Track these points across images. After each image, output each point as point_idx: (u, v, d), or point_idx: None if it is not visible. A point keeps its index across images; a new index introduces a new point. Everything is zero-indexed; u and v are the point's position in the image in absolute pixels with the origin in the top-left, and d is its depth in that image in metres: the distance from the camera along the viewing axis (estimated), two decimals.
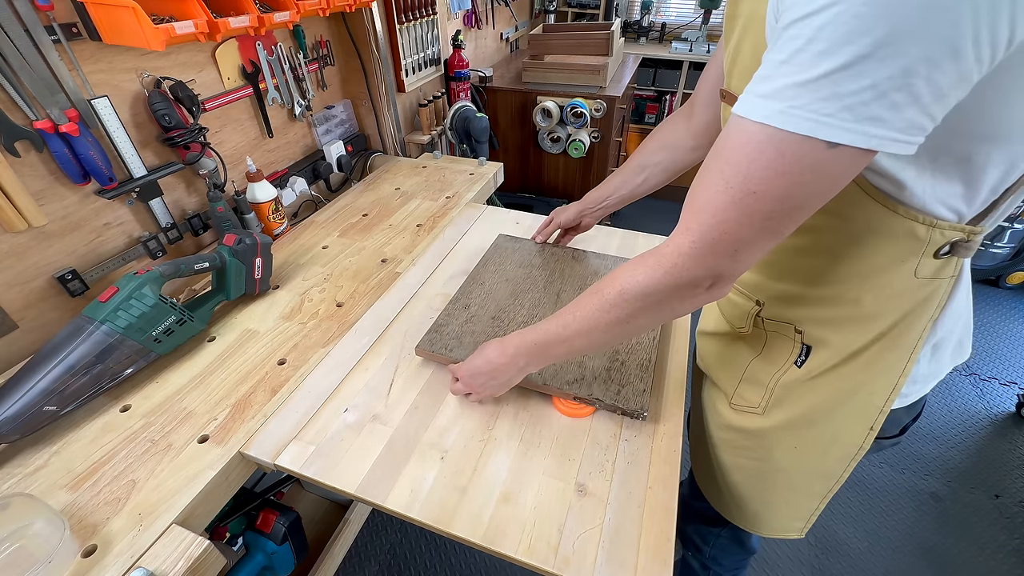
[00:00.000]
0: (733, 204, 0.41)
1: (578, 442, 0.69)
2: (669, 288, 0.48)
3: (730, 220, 0.42)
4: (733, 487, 0.76)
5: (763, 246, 0.44)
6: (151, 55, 0.91)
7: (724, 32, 0.55)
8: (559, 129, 2.04)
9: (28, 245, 0.80)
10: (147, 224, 0.98)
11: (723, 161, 0.42)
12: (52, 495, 0.62)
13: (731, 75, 0.54)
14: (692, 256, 0.45)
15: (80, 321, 0.70)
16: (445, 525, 0.60)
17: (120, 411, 0.73)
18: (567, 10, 2.99)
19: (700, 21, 2.91)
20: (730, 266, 0.45)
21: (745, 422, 0.69)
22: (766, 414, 0.66)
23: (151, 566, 0.55)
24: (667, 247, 0.47)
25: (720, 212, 0.42)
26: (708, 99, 0.74)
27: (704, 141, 0.78)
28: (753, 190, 0.40)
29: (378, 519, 1.45)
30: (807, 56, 0.35)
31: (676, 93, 2.82)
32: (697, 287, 0.47)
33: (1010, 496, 1.53)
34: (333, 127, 1.42)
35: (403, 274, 1.03)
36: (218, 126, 1.08)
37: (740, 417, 0.70)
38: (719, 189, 0.42)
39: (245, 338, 0.86)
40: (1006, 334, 2.13)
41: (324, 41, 1.32)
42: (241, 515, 0.99)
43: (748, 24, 0.48)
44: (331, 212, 1.26)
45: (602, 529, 0.59)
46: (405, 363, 0.82)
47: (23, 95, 0.74)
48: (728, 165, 0.41)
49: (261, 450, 0.68)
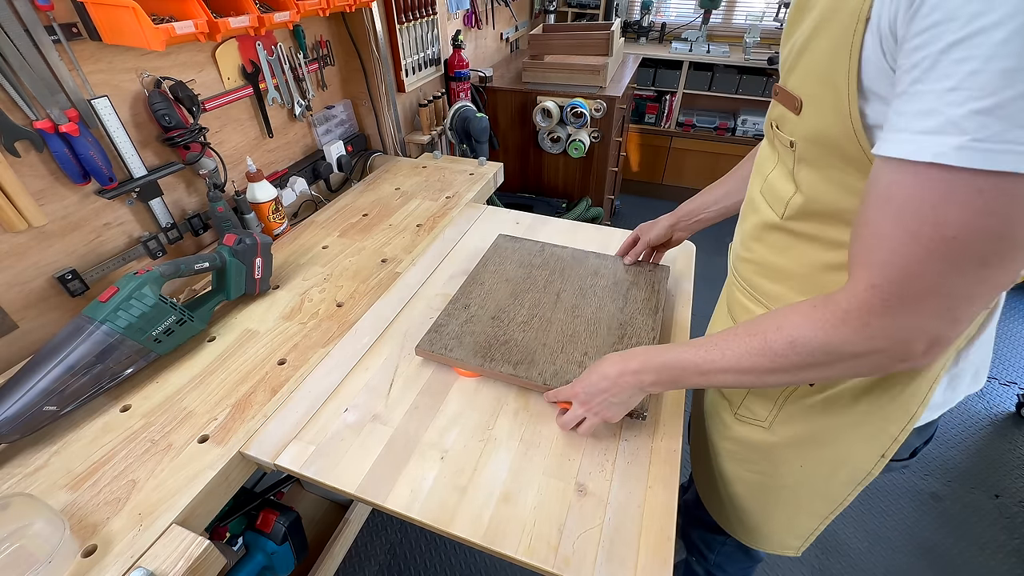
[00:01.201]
0: (931, 255, 0.35)
1: (578, 442, 0.69)
2: (864, 350, 0.42)
3: (931, 272, 0.36)
4: (735, 499, 0.75)
5: (984, 297, 0.37)
6: (151, 55, 0.91)
7: (788, 23, 0.49)
8: (559, 129, 2.04)
9: (28, 245, 0.80)
10: (147, 224, 0.98)
11: (894, 210, 0.37)
12: (52, 495, 0.62)
13: (792, 72, 0.48)
14: (886, 315, 0.39)
15: (80, 321, 0.70)
16: (445, 525, 0.60)
17: (120, 411, 0.73)
18: (567, 10, 2.98)
19: (700, 21, 2.90)
20: (945, 326, 0.39)
21: (750, 434, 0.68)
22: (771, 429, 0.65)
23: (151, 566, 0.55)
24: (845, 301, 0.41)
25: (915, 264, 0.36)
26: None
27: None
28: (952, 235, 0.34)
29: (378, 519, 1.45)
30: (987, 78, 0.30)
31: (676, 93, 2.82)
32: (908, 351, 0.41)
33: (1010, 496, 1.53)
34: (333, 127, 1.42)
35: (403, 274, 1.03)
36: (218, 126, 1.08)
37: (745, 428, 0.68)
38: (903, 241, 0.37)
39: (245, 338, 0.86)
40: (1006, 334, 2.13)
41: (324, 41, 1.32)
42: (241, 515, 0.99)
43: (826, 20, 0.42)
44: (331, 212, 1.26)
45: (602, 529, 0.59)
46: (405, 363, 0.82)
47: (23, 95, 0.74)
48: (906, 214, 0.36)
49: (261, 450, 0.68)
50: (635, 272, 0.95)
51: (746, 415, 0.68)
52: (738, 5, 2.88)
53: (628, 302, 0.88)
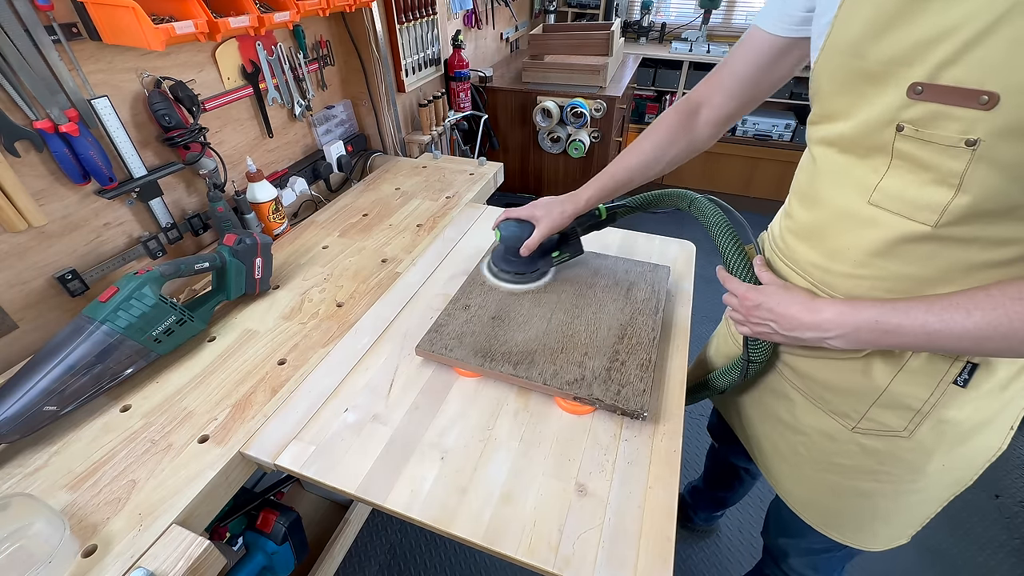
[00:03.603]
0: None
1: (578, 442, 0.69)
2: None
3: None
4: (851, 510, 0.71)
5: None
6: (151, 55, 0.91)
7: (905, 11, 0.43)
8: (559, 129, 2.04)
9: (28, 245, 0.80)
10: (147, 224, 0.98)
11: None
12: (52, 495, 0.62)
13: (959, 64, 0.42)
14: None
15: (80, 321, 0.70)
16: (445, 525, 0.59)
17: (120, 411, 0.73)
18: (567, 10, 2.99)
19: (700, 21, 2.90)
20: None
21: (878, 445, 0.64)
22: (912, 436, 0.61)
23: (151, 566, 0.55)
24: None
25: None
26: (727, 88, 0.72)
27: (721, 131, 0.77)
28: None
29: (378, 519, 1.45)
30: None
31: (676, 93, 2.81)
32: None
33: (1010, 496, 1.53)
34: (333, 127, 1.42)
35: (403, 274, 1.03)
36: (218, 126, 1.08)
37: (870, 440, 0.64)
38: None
39: (245, 338, 0.86)
40: None
41: (324, 41, 1.32)
42: (241, 515, 0.99)
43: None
44: (331, 212, 1.26)
45: (602, 529, 0.59)
46: (405, 363, 0.82)
47: (23, 95, 0.74)
48: None
49: (261, 450, 0.68)
50: (635, 272, 0.95)
51: (871, 427, 0.63)
52: (738, 5, 2.88)
53: (628, 302, 0.88)
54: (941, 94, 0.44)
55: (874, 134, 0.50)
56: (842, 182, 0.56)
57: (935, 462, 0.62)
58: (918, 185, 0.49)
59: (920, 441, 0.61)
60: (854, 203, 0.55)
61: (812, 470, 0.73)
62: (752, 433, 0.85)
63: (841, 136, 0.54)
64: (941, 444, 0.61)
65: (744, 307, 0.65)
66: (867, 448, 0.65)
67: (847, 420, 0.65)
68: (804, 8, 0.57)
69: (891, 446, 0.63)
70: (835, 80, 0.52)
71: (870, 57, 0.47)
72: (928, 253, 0.51)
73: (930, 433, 0.60)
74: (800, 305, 0.58)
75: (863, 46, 0.48)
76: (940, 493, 0.67)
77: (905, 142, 0.48)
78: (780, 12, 0.60)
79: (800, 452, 0.74)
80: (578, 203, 0.83)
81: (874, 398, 0.62)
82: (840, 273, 0.59)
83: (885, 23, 0.45)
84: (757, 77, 0.68)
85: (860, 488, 0.68)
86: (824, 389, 0.67)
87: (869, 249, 0.55)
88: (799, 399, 0.71)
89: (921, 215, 0.50)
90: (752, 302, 0.64)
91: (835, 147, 0.56)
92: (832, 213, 0.58)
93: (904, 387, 0.59)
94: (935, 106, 0.45)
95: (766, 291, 0.63)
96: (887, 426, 0.62)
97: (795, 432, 0.73)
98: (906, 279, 0.54)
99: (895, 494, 0.67)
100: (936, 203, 0.48)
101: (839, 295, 0.59)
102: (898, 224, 0.52)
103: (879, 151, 0.51)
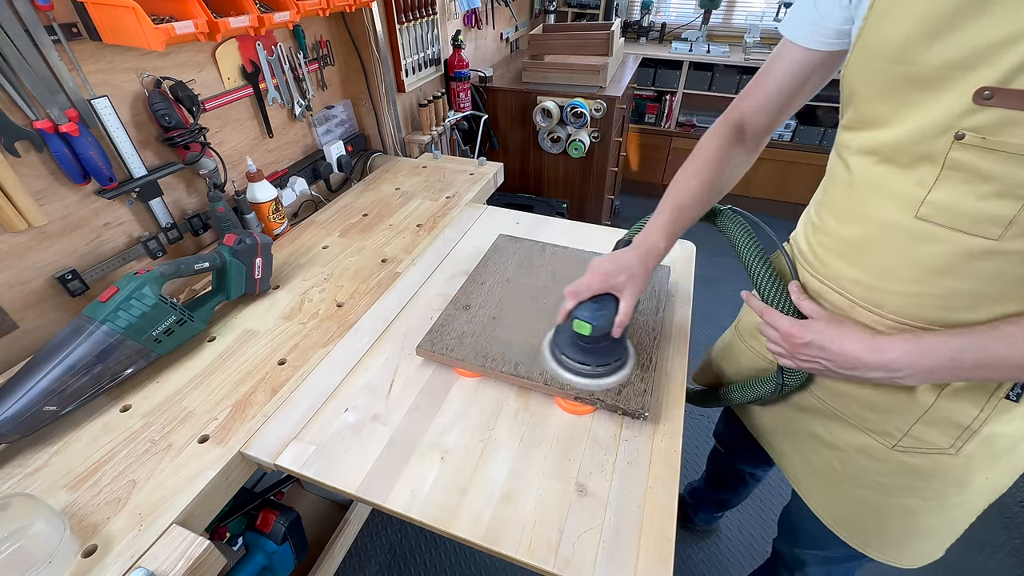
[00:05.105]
0: None
1: (578, 442, 0.69)
2: None
3: None
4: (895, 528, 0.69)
5: None
6: (151, 55, 0.91)
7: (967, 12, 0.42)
8: (559, 129, 2.04)
9: (28, 245, 0.80)
10: (147, 224, 0.98)
11: None
12: (52, 495, 0.62)
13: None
14: None
15: (80, 321, 0.70)
16: (445, 525, 0.60)
17: (120, 411, 0.73)
18: (567, 10, 2.98)
19: (700, 21, 2.90)
20: None
21: (923, 463, 0.61)
22: (960, 453, 0.59)
23: (151, 566, 0.55)
24: None
25: None
26: (766, 105, 0.68)
27: (763, 146, 0.73)
28: None
29: (378, 519, 1.45)
30: None
31: (676, 93, 2.81)
32: None
33: (1010, 496, 1.53)
34: (333, 127, 1.42)
35: (403, 274, 1.03)
36: (218, 126, 1.08)
37: (911, 458, 0.62)
38: None
39: (245, 338, 0.86)
40: None
41: (324, 41, 1.32)
42: (241, 515, 0.99)
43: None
44: (331, 212, 1.26)
45: (602, 529, 0.59)
46: (405, 363, 0.82)
47: (23, 95, 0.74)
48: None
49: (261, 450, 0.68)
50: None
51: (914, 445, 0.61)
52: (738, 5, 2.88)
53: None
54: (1014, 99, 0.41)
55: (926, 142, 0.47)
56: (881, 194, 0.53)
57: (979, 475, 0.60)
58: (976, 197, 0.46)
59: (968, 456, 0.59)
60: (899, 217, 0.52)
61: (851, 487, 0.70)
62: (778, 444, 0.82)
63: (884, 144, 0.51)
64: (987, 458, 0.59)
65: (790, 344, 0.61)
66: (909, 466, 0.62)
67: (887, 439, 0.63)
68: (842, 21, 0.54)
69: (936, 463, 0.60)
70: (872, 85, 0.50)
71: (919, 62, 0.45)
72: (994, 270, 0.48)
73: (978, 448, 0.58)
74: (858, 343, 0.55)
75: (909, 51, 0.45)
76: (980, 503, 0.65)
77: (964, 151, 0.45)
78: (815, 25, 0.57)
79: (836, 468, 0.70)
80: (660, 254, 0.70)
81: (918, 416, 0.59)
82: (891, 291, 0.55)
83: (938, 26, 0.43)
84: (793, 91, 0.64)
85: (905, 505, 0.66)
86: (863, 408, 0.64)
87: (926, 266, 0.51)
88: (833, 416, 0.68)
89: (981, 228, 0.47)
90: (799, 340, 0.59)
91: (875, 156, 0.53)
92: (877, 228, 0.55)
93: (952, 403, 0.57)
94: (1006, 112, 0.42)
95: (814, 328, 0.59)
96: (932, 444, 0.59)
97: (829, 447, 0.70)
98: (967, 296, 0.51)
99: (940, 509, 0.64)
100: (1000, 216, 0.45)
101: (887, 313, 0.56)
102: (957, 239, 0.49)
103: (927, 160, 0.48)
